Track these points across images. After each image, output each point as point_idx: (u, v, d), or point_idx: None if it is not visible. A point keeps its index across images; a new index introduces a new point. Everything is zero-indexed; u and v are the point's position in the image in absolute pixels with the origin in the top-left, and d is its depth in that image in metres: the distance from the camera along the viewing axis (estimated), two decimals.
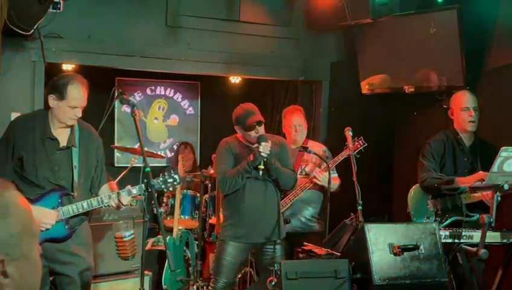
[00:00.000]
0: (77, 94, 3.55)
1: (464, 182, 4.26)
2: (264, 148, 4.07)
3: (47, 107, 3.62)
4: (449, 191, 4.36)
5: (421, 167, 4.53)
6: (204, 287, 5.00)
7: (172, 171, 3.74)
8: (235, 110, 4.35)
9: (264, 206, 4.28)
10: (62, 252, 3.57)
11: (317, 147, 5.03)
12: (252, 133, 4.21)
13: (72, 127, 3.67)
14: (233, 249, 4.25)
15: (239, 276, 5.08)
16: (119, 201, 3.55)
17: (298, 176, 4.88)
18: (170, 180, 3.71)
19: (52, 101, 3.56)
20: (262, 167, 4.11)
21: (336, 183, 4.87)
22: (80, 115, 3.63)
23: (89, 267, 3.66)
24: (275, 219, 4.32)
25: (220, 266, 4.25)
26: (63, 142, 3.63)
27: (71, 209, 3.53)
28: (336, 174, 4.95)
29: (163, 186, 3.69)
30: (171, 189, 3.80)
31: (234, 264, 4.28)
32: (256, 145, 4.12)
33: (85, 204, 3.55)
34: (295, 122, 5.00)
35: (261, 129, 4.24)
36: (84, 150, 3.70)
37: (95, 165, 3.78)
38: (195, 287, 5.01)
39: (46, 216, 3.44)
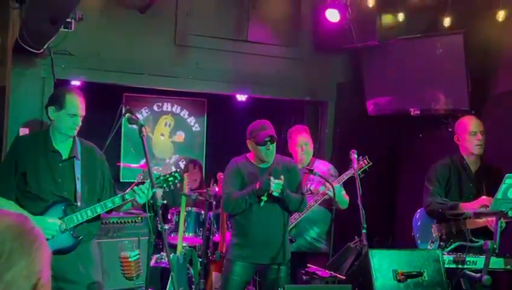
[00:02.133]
0: (75, 102, 3.69)
1: (468, 207, 4.28)
2: (277, 187, 4.09)
3: (48, 120, 3.74)
4: (453, 216, 4.37)
5: (427, 192, 4.55)
6: None
7: (172, 171, 3.82)
8: (252, 123, 4.41)
9: (270, 228, 4.31)
10: (71, 271, 3.59)
11: (323, 166, 5.05)
12: (263, 149, 4.25)
13: (73, 140, 3.76)
14: (240, 268, 4.29)
15: None
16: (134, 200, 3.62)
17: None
18: (171, 178, 3.79)
19: (52, 113, 3.69)
20: (265, 198, 4.15)
21: (347, 200, 4.85)
22: (79, 124, 3.73)
23: (96, 283, 3.68)
24: (281, 240, 4.34)
25: (228, 286, 4.30)
26: (65, 155, 3.71)
27: (75, 218, 3.58)
28: (344, 192, 4.92)
29: (164, 185, 3.77)
30: (172, 187, 3.86)
31: (241, 282, 4.33)
32: (268, 177, 4.14)
33: (89, 211, 3.61)
34: (301, 141, 5.00)
35: (273, 147, 4.28)
36: (86, 164, 3.77)
37: (101, 181, 3.82)
38: None
39: (47, 226, 3.48)
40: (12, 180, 3.61)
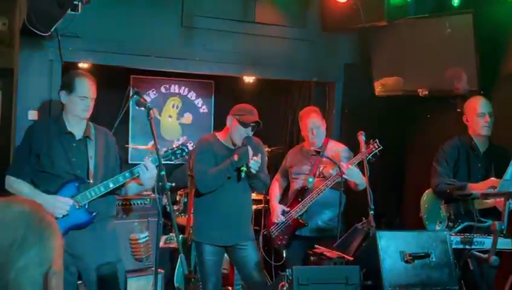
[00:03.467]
0: (85, 85, 3.77)
1: (476, 188, 4.27)
2: (255, 165, 4.15)
3: (60, 106, 3.83)
4: (461, 197, 4.37)
5: (434, 172, 4.54)
6: None
7: (181, 145, 3.91)
8: (240, 104, 4.48)
9: (238, 208, 4.36)
10: (85, 249, 3.70)
11: (338, 147, 5.01)
12: (242, 132, 4.28)
13: (87, 123, 3.84)
14: (211, 248, 4.34)
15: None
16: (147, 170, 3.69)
17: (316, 178, 4.88)
18: (178, 151, 3.88)
19: (64, 96, 3.79)
20: (244, 168, 4.15)
21: (364, 181, 4.79)
22: (91, 105, 3.82)
23: (109, 264, 3.75)
24: (247, 221, 4.42)
25: (205, 268, 4.33)
26: (78, 136, 3.82)
27: (88, 194, 3.69)
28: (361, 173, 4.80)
29: (172, 157, 3.87)
30: (180, 159, 3.95)
31: (216, 261, 4.38)
32: (245, 146, 4.18)
33: (102, 187, 3.70)
34: (311, 124, 4.94)
35: (251, 133, 4.32)
36: (99, 145, 3.86)
37: (113, 161, 3.93)
38: (200, 284, 5.05)
39: (59, 205, 3.61)
40: (27, 164, 3.73)
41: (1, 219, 1.19)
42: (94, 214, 3.70)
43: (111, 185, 3.71)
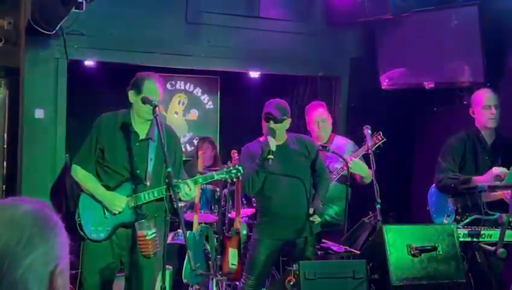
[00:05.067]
0: (153, 88, 3.82)
1: (481, 180, 4.26)
2: (271, 142, 4.15)
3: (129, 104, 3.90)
4: (467, 191, 4.35)
5: (439, 167, 4.53)
6: (224, 282, 5.07)
7: (237, 164, 3.98)
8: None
9: (294, 203, 4.33)
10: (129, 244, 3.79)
11: (342, 142, 5.02)
12: (266, 126, 4.28)
13: (152, 122, 3.88)
14: (266, 247, 4.34)
15: None
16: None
17: None
18: (234, 170, 3.89)
19: (131, 96, 3.85)
20: (271, 156, 4.14)
21: (370, 173, 4.80)
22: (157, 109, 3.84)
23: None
24: (305, 214, 4.36)
25: (253, 265, 4.36)
26: (142, 135, 3.88)
27: (143, 196, 3.76)
28: (367, 166, 4.79)
29: (227, 176, 3.89)
30: (234, 180, 4.01)
31: (266, 263, 4.37)
32: (265, 140, 4.20)
33: (156, 192, 3.77)
34: (317, 118, 4.97)
35: (277, 126, 4.28)
36: (161, 147, 3.85)
37: (173, 162, 3.92)
38: (214, 281, 5.08)
39: (116, 203, 3.73)
40: (93, 155, 3.83)
41: (8, 218, 1.20)
42: (144, 215, 3.76)
43: (164, 192, 3.75)
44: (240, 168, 3.91)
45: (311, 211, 4.27)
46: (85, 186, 3.82)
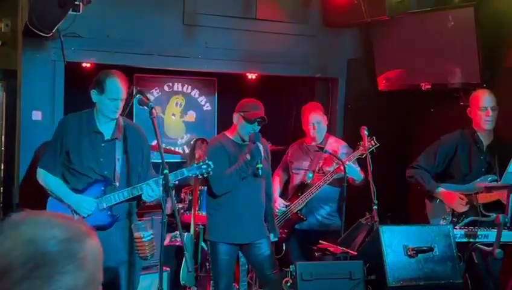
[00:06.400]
0: (116, 86, 3.77)
1: (445, 197, 4.41)
2: (262, 149, 4.19)
3: (91, 103, 3.85)
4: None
5: (417, 162, 4.61)
6: None
7: (206, 159, 3.92)
8: (245, 99, 4.45)
9: (253, 206, 4.37)
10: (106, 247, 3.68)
11: (337, 143, 5.05)
12: (249, 128, 4.28)
13: (117, 122, 3.86)
14: (226, 247, 4.34)
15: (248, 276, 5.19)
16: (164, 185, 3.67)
17: (315, 174, 4.93)
18: (204, 166, 3.85)
19: (95, 96, 3.81)
20: (260, 165, 4.15)
21: (361, 175, 4.83)
22: (121, 107, 3.83)
23: (126, 262, 3.79)
24: (261, 218, 4.42)
25: (219, 267, 4.34)
26: (107, 136, 3.84)
27: (112, 197, 3.73)
28: (359, 168, 4.90)
29: (197, 172, 3.85)
30: (205, 175, 3.93)
31: (229, 260, 4.38)
32: (254, 144, 4.19)
33: (126, 193, 3.74)
34: (313, 119, 5.00)
35: (259, 128, 4.32)
36: (128, 145, 3.87)
37: (141, 161, 3.91)
38: (212, 282, 5.08)
39: (84, 205, 3.69)
40: (59, 158, 3.79)
41: (31, 237, 1.15)
42: (116, 217, 3.74)
43: (135, 193, 3.74)
44: (210, 163, 3.85)
45: (271, 237, 4.44)
46: (51, 190, 3.77)
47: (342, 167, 4.62)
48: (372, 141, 4.72)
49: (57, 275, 1.14)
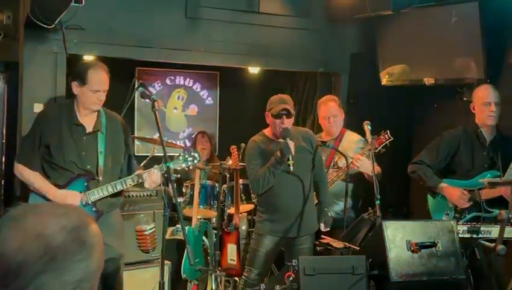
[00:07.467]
0: (98, 78, 3.69)
1: (448, 193, 4.38)
2: (292, 146, 4.12)
3: (72, 95, 3.73)
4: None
5: (419, 157, 4.59)
6: (222, 277, 5.07)
7: (191, 150, 3.85)
8: (272, 97, 4.42)
9: (297, 201, 4.35)
10: None
11: (353, 138, 5.02)
12: (277, 123, 4.24)
13: (98, 113, 3.78)
14: (270, 242, 4.37)
15: None
16: (151, 179, 3.66)
17: (330, 169, 4.90)
18: (190, 158, 3.79)
19: (76, 87, 3.71)
20: (292, 161, 4.13)
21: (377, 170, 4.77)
22: (103, 98, 3.75)
23: (118, 256, 3.74)
24: (308, 213, 4.38)
25: (256, 257, 4.39)
26: (89, 128, 3.76)
27: (96, 192, 3.65)
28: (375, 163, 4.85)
29: (183, 164, 3.78)
30: (191, 167, 3.88)
31: (269, 256, 4.41)
32: (283, 140, 4.15)
33: (109, 187, 3.67)
34: (328, 113, 4.97)
35: (288, 121, 4.27)
36: (110, 137, 3.81)
37: (124, 152, 3.86)
38: (213, 276, 5.08)
39: (69, 200, 3.57)
40: (37, 151, 3.68)
41: (40, 230, 1.15)
42: (101, 212, 3.69)
43: (119, 187, 3.69)
44: (196, 155, 3.81)
45: (322, 227, 4.38)
46: (33, 185, 3.64)
47: (354, 163, 4.59)
48: (386, 135, 4.67)
49: (71, 264, 1.16)
